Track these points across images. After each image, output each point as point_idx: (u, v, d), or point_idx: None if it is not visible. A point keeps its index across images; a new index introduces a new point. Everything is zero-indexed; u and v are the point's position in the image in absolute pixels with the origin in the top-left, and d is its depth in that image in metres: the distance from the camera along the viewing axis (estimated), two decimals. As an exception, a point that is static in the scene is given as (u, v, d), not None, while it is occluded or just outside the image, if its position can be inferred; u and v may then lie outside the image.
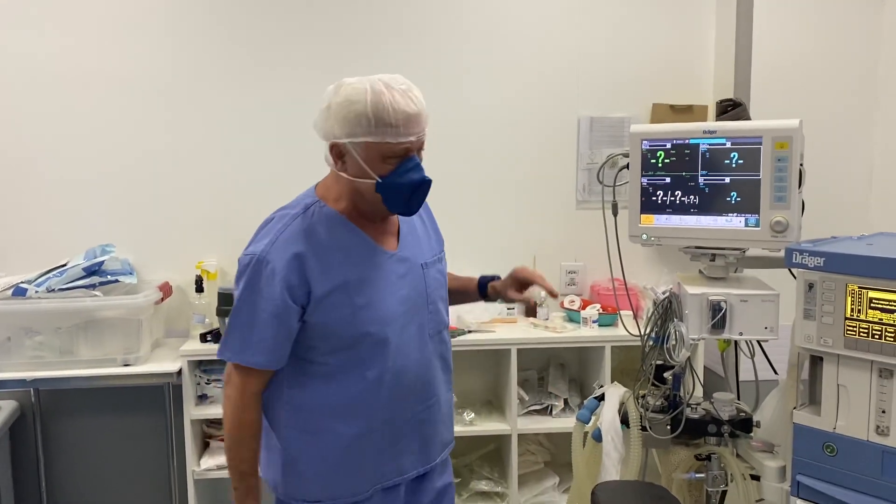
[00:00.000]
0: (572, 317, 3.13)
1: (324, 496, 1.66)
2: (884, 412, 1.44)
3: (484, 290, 1.93)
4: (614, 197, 1.88)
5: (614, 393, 1.95)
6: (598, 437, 1.91)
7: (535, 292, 1.94)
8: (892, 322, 1.40)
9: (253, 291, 1.56)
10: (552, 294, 1.87)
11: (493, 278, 1.93)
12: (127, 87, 3.06)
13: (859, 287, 1.44)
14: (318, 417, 1.64)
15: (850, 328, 1.46)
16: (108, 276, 2.86)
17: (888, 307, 1.40)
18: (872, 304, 1.42)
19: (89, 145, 3.06)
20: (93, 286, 2.80)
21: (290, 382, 1.65)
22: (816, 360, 1.57)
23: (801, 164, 1.65)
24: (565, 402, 3.08)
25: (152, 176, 3.10)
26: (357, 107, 1.51)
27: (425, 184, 1.58)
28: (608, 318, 3.04)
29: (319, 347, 1.62)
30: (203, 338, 2.90)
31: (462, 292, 1.95)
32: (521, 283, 1.89)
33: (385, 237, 1.69)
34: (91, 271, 2.82)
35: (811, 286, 1.52)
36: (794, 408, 1.61)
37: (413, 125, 1.52)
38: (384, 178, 1.54)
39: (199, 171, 3.12)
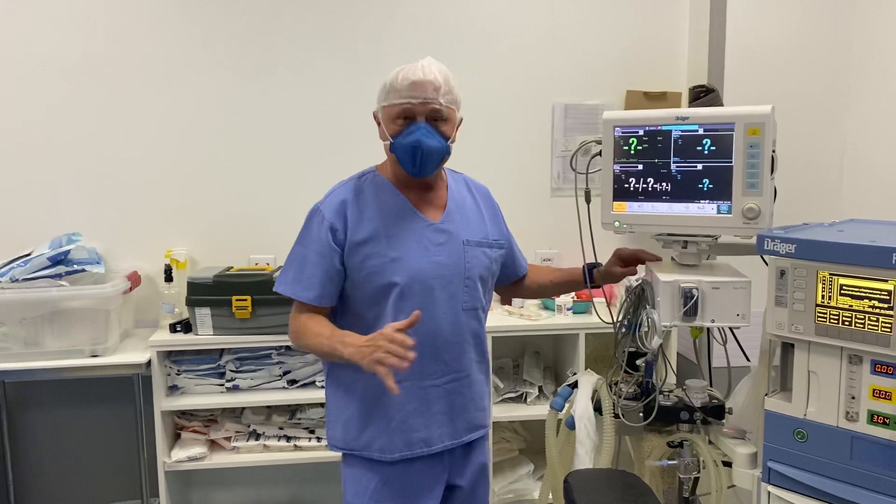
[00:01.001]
0: (547, 304, 3.13)
1: (357, 446, 1.82)
2: (853, 398, 1.44)
3: (590, 276, 2.01)
4: (587, 184, 1.87)
5: (587, 380, 1.95)
6: (571, 424, 1.91)
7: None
8: (862, 309, 1.40)
9: (306, 235, 1.81)
10: (657, 259, 1.93)
11: (597, 265, 2.02)
12: (90, 73, 2.99)
13: (830, 274, 1.44)
14: (351, 368, 1.73)
15: (821, 315, 1.46)
16: (75, 266, 2.80)
17: (858, 294, 1.41)
18: (843, 291, 1.43)
19: (53, 132, 2.99)
20: (59, 276, 2.74)
21: None
22: (788, 347, 1.57)
23: (774, 151, 1.65)
24: (540, 389, 3.08)
25: (119, 162, 3.04)
26: (384, 80, 1.77)
27: (421, 146, 1.70)
28: (582, 305, 3.04)
29: (353, 297, 1.80)
30: (173, 328, 2.86)
31: (566, 282, 2.10)
32: (624, 259, 1.97)
33: (429, 207, 1.84)
34: (56, 261, 2.76)
35: (783, 273, 1.52)
36: (766, 394, 1.61)
37: (417, 89, 1.70)
38: (394, 137, 1.74)
39: (166, 157, 3.06)
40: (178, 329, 2.85)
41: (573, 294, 3.05)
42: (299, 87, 3.12)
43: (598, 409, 1.86)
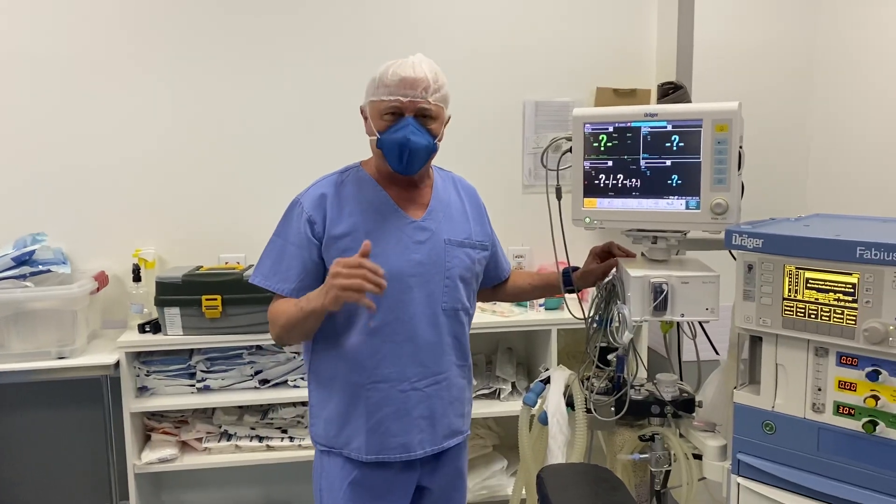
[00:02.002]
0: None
1: (337, 444, 1.81)
2: (819, 390, 1.46)
3: (568, 281, 1.99)
4: (558, 181, 1.87)
5: (560, 376, 1.95)
6: (544, 420, 1.91)
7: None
8: (827, 302, 1.43)
9: (285, 226, 1.79)
10: (631, 255, 1.94)
11: (574, 269, 2.00)
12: (54, 71, 2.93)
13: (796, 268, 1.47)
14: (330, 365, 1.80)
15: (788, 308, 1.48)
16: (40, 266, 2.76)
17: (824, 287, 1.43)
18: (809, 285, 1.45)
19: (14, 128, 2.93)
20: (23, 277, 2.70)
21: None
22: (756, 340, 1.59)
23: (741, 147, 1.67)
24: (513, 385, 3.09)
25: (85, 160, 2.99)
26: (373, 74, 1.75)
27: (409, 143, 1.69)
28: (554, 301, 3.06)
29: None
30: (142, 328, 2.82)
31: (545, 286, 2.10)
32: (599, 255, 1.98)
33: (412, 205, 1.83)
34: (21, 261, 2.71)
35: (750, 267, 1.54)
36: (735, 387, 1.63)
37: (407, 87, 1.69)
38: (381, 133, 1.73)
39: (133, 155, 3.02)
40: (147, 329, 2.81)
41: (545, 290, 3.06)
42: (269, 84, 3.10)
43: (570, 404, 1.87)
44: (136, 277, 2.92)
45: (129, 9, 2.97)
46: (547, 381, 1.99)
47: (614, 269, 1.91)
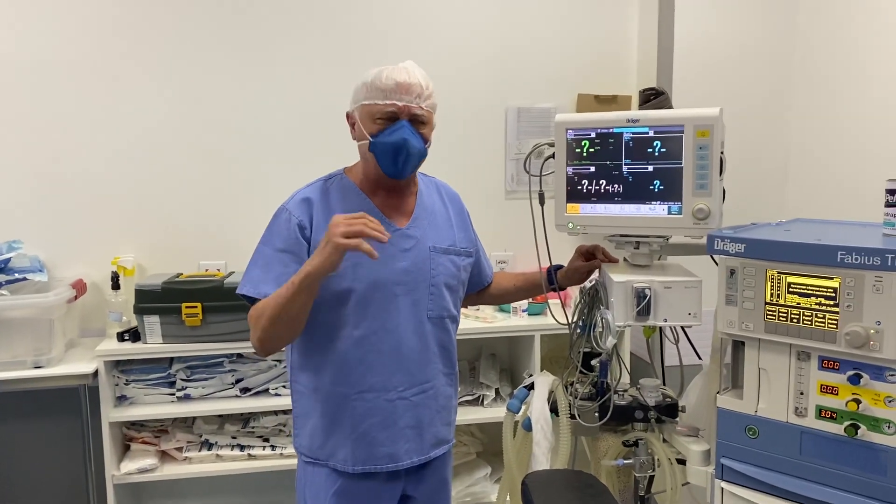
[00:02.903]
0: (502, 307, 3.13)
1: (322, 455, 1.78)
2: (802, 394, 1.47)
3: (552, 279, 1.98)
4: (541, 186, 1.87)
5: (543, 382, 1.95)
6: (528, 426, 1.91)
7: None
8: (809, 306, 1.43)
9: (272, 234, 1.75)
10: (614, 261, 1.92)
11: (558, 267, 1.99)
12: (30, 76, 2.90)
13: (778, 272, 1.47)
14: (314, 376, 1.77)
15: (770, 313, 1.49)
16: (16, 274, 2.72)
17: (805, 291, 1.44)
18: (791, 289, 1.45)
19: (-8, 136, 2.89)
20: (-1, 285, 2.66)
21: (294, 343, 1.80)
22: (738, 345, 1.60)
23: (722, 153, 1.67)
24: (496, 392, 3.09)
25: (62, 166, 2.95)
26: (362, 79, 1.73)
27: (407, 144, 1.68)
28: (537, 307, 3.05)
29: (315, 303, 1.68)
30: (120, 337, 2.79)
31: (529, 286, 2.08)
32: (584, 254, 1.96)
33: (396, 213, 1.82)
34: (-4, 269, 2.68)
35: (732, 272, 1.54)
36: (718, 392, 1.63)
37: (401, 91, 1.68)
38: (374, 137, 1.70)
39: (112, 161, 2.99)
40: (126, 338, 2.78)
41: (528, 296, 3.06)
42: (249, 92, 3.08)
43: (554, 410, 1.86)
44: (115, 285, 2.89)
45: (107, 14, 2.94)
46: (531, 387, 1.98)
47: (597, 273, 1.91)
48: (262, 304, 1.67)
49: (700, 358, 1.94)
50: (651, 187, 1.71)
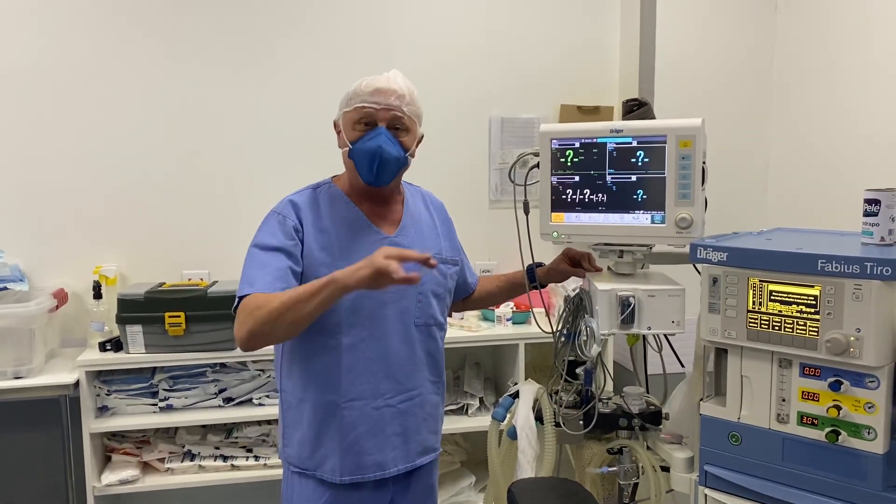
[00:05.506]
0: (487, 315, 3.14)
1: (310, 466, 1.77)
2: (784, 400, 1.49)
3: (532, 277, 1.98)
4: (525, 196, 1.89)
5: (528, 390, 1.96)
6: (513, 434, 1.91)
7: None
8: (790, 314, 1.45)
9: (265, 235, 1.73)
10: (598, 270, 1.91)
11: (539, 265, 1.99)
12: (9, 83, 2.87)
13: (760, 280, 1.49)
14: (302, 385, 1.76)
15: (752, 320, 1.50)
16: (-4, 284, 2.69)
17: (786, 299, 1.46)
18: (772, 297, 1.47)
19: (-27, 144, 2.86)
20: (-22, 295, 2.63)
21: (283, 353, 1.81)
22: (721, 353, 1.61)
23: (704, 163, 1.69)
24: (481, 400, 3.09)
25: (43, 175, 2.93)
26: (348, 89, 1.75)
27: (381, 151, 1.69)
28: (521, 315, 3.06)
29: None
30: (102, 347, 2.76)
31: (512, 286, 2.09)
32: (572, 259, 1.94)
33: (383, 222, 1.82)
34: (-24, 279, 2.65)
35: (715, 280, 1.56)
36: (701, 399, 1.65)
37: (380, 95, 1.70)
38: (353, 143, 1.72)
39: (93, 169, 2.97)
40: (108, 348, 2.75)
41: (512, 304, 3.07)
42: (232, 101, 3.08)
43: (539, 418, 1.87)
44: (97, 294, 2.86)
45: (86, 27, 2.93)
46: (515, 395, 1.99)
47: (582, 281, 1.93)
48: (262, 295, 1.58)
49: (683, 366, 1.96)
50: (634, 197, 1.73)
